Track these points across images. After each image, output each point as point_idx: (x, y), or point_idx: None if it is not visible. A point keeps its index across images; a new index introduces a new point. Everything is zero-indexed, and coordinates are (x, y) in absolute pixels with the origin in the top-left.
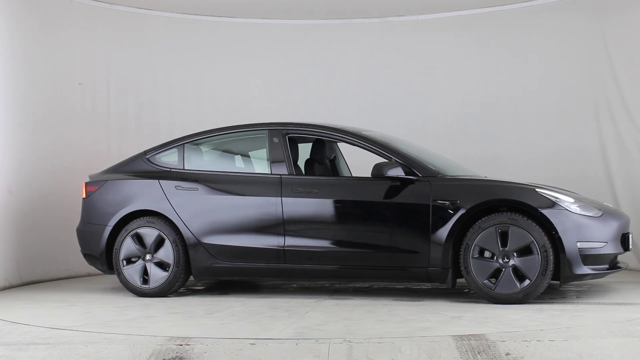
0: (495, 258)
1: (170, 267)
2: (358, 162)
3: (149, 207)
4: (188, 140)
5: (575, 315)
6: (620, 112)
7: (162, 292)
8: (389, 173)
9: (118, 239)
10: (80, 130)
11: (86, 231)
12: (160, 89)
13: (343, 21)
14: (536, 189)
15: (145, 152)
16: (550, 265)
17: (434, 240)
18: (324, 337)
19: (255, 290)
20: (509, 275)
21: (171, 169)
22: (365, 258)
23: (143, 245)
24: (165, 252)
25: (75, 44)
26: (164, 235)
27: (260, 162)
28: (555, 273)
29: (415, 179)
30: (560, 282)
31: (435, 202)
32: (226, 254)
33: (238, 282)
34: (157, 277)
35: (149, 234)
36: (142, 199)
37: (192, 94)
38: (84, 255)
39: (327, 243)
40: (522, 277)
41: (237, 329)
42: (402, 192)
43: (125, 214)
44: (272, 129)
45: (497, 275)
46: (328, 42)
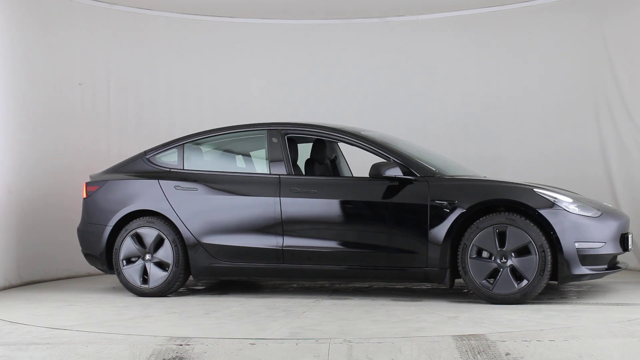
0: (493, 258)
1: (170, 267)
2: (357, 162)
3: (148, 207)
4: (188, 141)
5: (572, 316)
6: (620, 112)
7: (162, 291)
8: (387, 173)
9: (118, 238)
10: (80, 130)
11: (87, 231)
12: (160, 89)
13: (343, 21)
14: (534, 189)
15: (146, 152)
16: (548, 266)
17: (432, 240)
18: (319, 337)
19: (255, 290)
20: (506, 275)
21: (171, 169)
22: (364, 258)
23: (143, 245)
24: (165, 252)
25: (75, 44)
26: (163, 235)
27: (259, 162)
28: (554, 273)
29: (413, 179)
30: (559, 283)
31: (433, 202)
32: (225, 254)
33: (238, 282)
34: (157, 277)
35: (149, 233)
36: (142, 199)
37: (192, 94)
38: (85, 255)
39: (326, 243)
40: (520, 277)
41: (233, 328)
42: (400, 192)
43: (125, 214)
44: (271, 129)
45: (495, 276)
46: (328, 42)
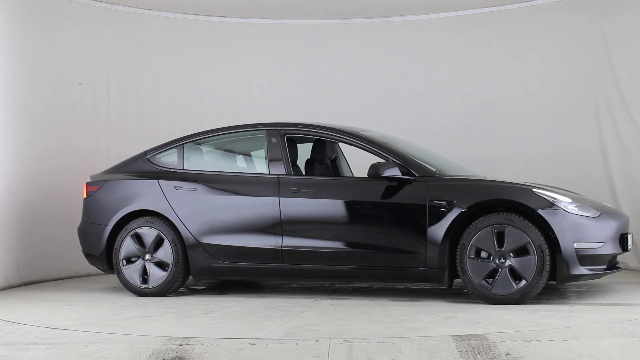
0: (491, 258)
1: (169, 267)
2: (357, 162)
3: (148, 207)
4: (187, 141)
5: (569, 316)
6: (620, 112)
7: (162, 291)
8: (386, 173)
9: (118, 238)
10: (80, 130)
11: (87, 231)
12: (160, 89)
13: (343, 21)
14: (533, 189)
15: (146, 152)
16: (547, 266)
17: (431, 240)
18: (314, 337)
19: (256, 290)
20: (505, 275)
21: (171, 169)
22: (363, 258)
23: (142, 245)
24: (164, 252)
25: (75, 44)
26: (163, 235)
27: (258, 162)
28: (553, 273)
29: (412, 179)
30: (557, 283)
31: (432, 202)
32: (224, 254)
33: (239, 282)
34: (157, 277)
35: (148, 233)
36: (141, 199)
37: (192, 94)
38: (85, 255)
39: (324, 243)
40: (518, 277)
41: (230, 328)
42: (399, 192)
43: (125, 213)
44: (271, 129)
45: (493, 276)
46: (328, 42)
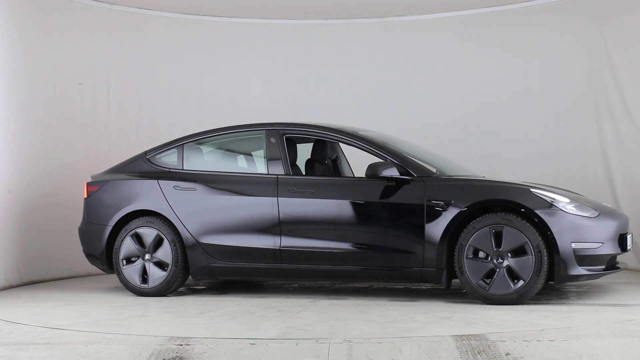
0: (489, 258)
1: (169, 266)
2: (357, 162)
3: (148, 207)
4: (187, 141)
5: (566, 317)
6: (620, 112)
7: (161, 291)
8: (384, 173)
9: (118, 238)
10: (80, 130)
11: (87, 231)
12: (160, 89)
13: (343, 21)
14: (531, 189)
15: (146, 152)
16: (545, 266)
17: (428, 240)
18: (308, 337)
19: (256, 290)
20: (502, 275)
21: (170, 169)
22: (361, 258)
23: (142, 245)
24: (164, 251)
25: (75, 44)
26: (162, 235)
27: (258, 162)
28: (551, 274)
29: (410, 179)
30: (555, 283)
31: (430, 202)
32: (224, 253)
33: (240, 282)
34: (156, 277)
35: (148, 233)
36: (141, 199)
37: (192, 94)
38: (86, 255)
39: (323, 243)
40: (516, 277)
41: (224, 328)
42: (397, 192)
43: (125, 213)
44: (270, 129)
45: (491, 276)
46: (328, 42)
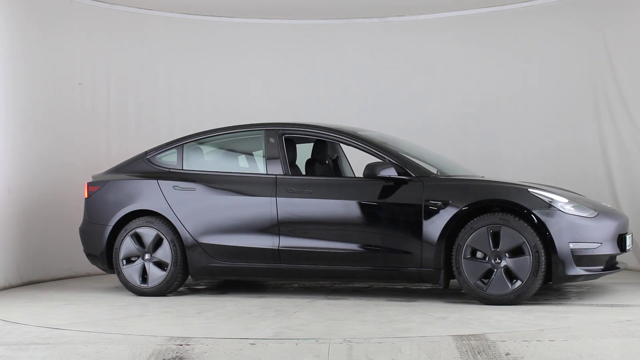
0: (487, 259)
1: (168, 266)
2: (356, 162)
3: (148, 207)
4: (187, 141)
5: (562, 317)
6: (620, 111)
7: (161, 291)
8: (382, 173)
9: (118, 238)
10: (80, 130)
11: (88, 231)
12: (160, 89)
13: (343, 21)
14: (529, 189)
15: (146, 152)
16: (542, 266)
17: (426, 240)
18: (303, 337)
19: (256, 289)
20: (500, 276)
21: (170, 169)
22: (359, 258)
23: (142, 245)
24: (164, 251)
25: (75, 44)
26: (162, 235)
27: (257, 162)
28: (549, 274)
29: (407, 179)
30: (553, 283)
31: (428, 202)
32: (223, 253)
33: (241, 282)
34: (156, 277)
35: (148, 233)
36: (141, 199)
37: (192, 94)
38: (87, 255)
39: (321, 243)
40: (514, 278)
41: (220, 328)
42: (395, 192)
43: (125, 213)
44: (269, 129)
45: (489, 276)
46: (328, 42)
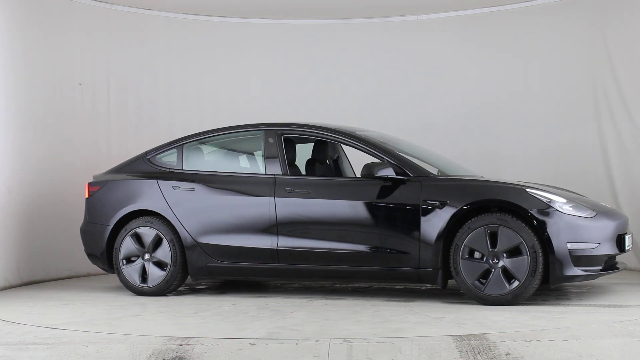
0: (484, 259)
1: (168, 266)
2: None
3: (147, 207)
4: (186, 141)
5: (558, 318)
6: (620, 111)
7: (160, 290)
8: (379, 173)
9: (118, 238)
10: (81, 130)
11: (88, 231)
12: (160, 89)
13: (343, 21)
14: (527, 189)
15: (147, 152)
16: (540, 267)
17: (424, 240)
18: (296, 337)
19: (256, 289)
20: (498, 276)
21: (170, 169)
22: (357, 258)
23: (142, 245)
24: (163, 251)
25: (75, 44)
26: (161, 235)
27: (256, 162)
28: (547, 274)
29: (405, 179)
30: (550, 284)
31: (426, 202)
32: (222, 253)
33: (242, 282)
34: (155, 276)
35: (148, 233)
36: (141, 199)
37: (192, 94)
38: (87, 254)
39: (319, 243)
40: (511, 278)
41: (214, 327)
42: (393, 192)
43: (125, 213)
44: (268, 130)
45: (487, 276)
46: (328, 42)
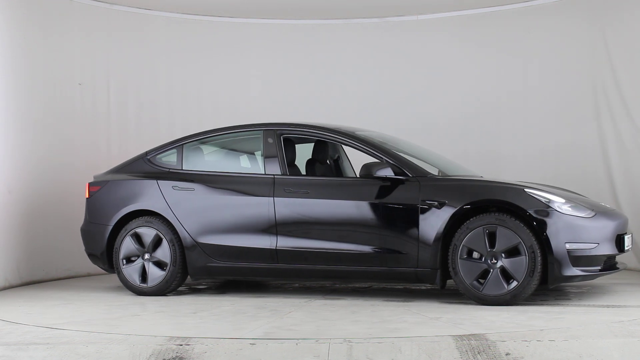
0: (483, 259)
1: (168, 266)
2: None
3: (147, 207)
4: (186, 141)
5: (555, 318)
6: (620, 111)
7: (160, 290)
8: (378, 173)
9: (118, 238)
10: (80, 130)
11: (89, 231)
12: (160, 89)
13: (343, 21)
14: (525, 189)
15: (147, 152)
16: (538, 267)
17: (423, 240)
18: (292, 337)
19: (256, 289)
20: (496, 276)
21: (170, 169)
22: (356, 258)
23: (142, 245)
24: (163, 251)
25: (75, 44)
26: (161, 235)
27: (255, 162)
28: (545, 274)
29: (404, 179)
30: (549, 284)
31: (424, 203)
32: (222, 253)
33: (243, 281)
34: (155, 276)
35: (147, 233)
36: (141, 199)
37: (192, 94)
38: (88, 254)
39: (318, 243)
40: (510, 278)
41: (210, 327)
42: (392, 192)
43: (125, 213)
44: (267, 130)
45: (485, 276)
46: (328, 42)
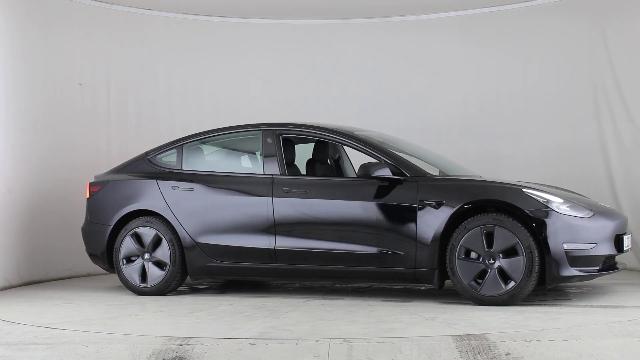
0: (480, 259)
1: (167, 266)
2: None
3: (147, 207)
4: (186, 141)
5: (552, 318)
6: (620, 111)
7: (160, 290)
8: (376, 173)
9: (118, 238)
10: (80, 130)
11: (89, 231)
12: (160, 89)
13: (343, 21)
14: (523, 189)
15: (147, 152)
16: (536, 267)
17: (420, 240)
18: (288, 337)
19: (256, 289)
20: (494, 276)
21: (170, 169)
22: (354, 258)
23: (142, 245)
24: (163, 251)
25: (75, 44)
26: (161, 235)
27: (254, 163)
28: (543, 275)
29: (402, 179)
30: (546, 284)
31: (422, 203)
32: (221, 253)
33: (243, 281)
34: (155, 276)
35: (147, 233)
36: (141, 199)
37: (192, 94)
38: (89, 254)
39: (317, 243)
40: (507, 278)
41: (206, 327)
42: (390, 192)
43: (125, 213)
44: (266, 130)
45: (483, 277)
46: (328, 42)
